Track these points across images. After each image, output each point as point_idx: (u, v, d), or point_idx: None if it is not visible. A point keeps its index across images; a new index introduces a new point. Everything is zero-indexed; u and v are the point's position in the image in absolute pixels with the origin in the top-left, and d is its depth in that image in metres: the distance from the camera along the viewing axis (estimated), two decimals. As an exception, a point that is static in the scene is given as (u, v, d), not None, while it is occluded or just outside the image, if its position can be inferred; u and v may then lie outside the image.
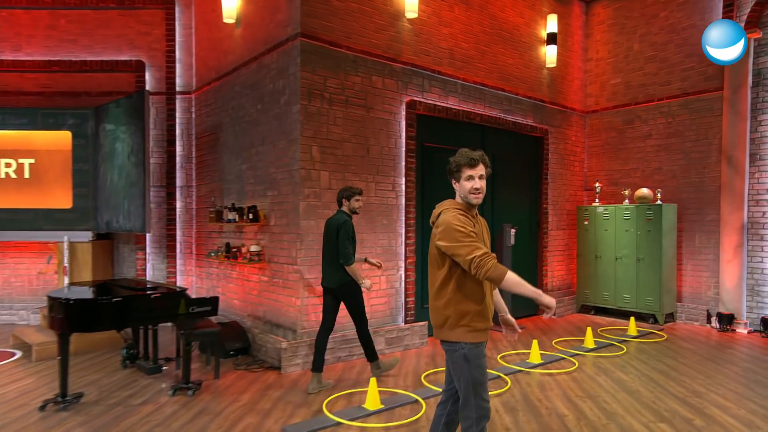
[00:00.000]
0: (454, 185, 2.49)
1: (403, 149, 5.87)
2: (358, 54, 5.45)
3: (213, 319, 5.11)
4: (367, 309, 5.51)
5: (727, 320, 6.78)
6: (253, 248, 5.61)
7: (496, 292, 2.62)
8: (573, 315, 8.02)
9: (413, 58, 5.98)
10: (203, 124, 6.92)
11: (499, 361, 5.24)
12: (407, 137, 5.88)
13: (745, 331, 6.70)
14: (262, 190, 5.67)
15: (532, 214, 7.82)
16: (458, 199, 2.49)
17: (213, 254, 6.38)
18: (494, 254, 2.31)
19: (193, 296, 7.27)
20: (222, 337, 5.33)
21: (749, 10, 6.76)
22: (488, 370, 4.81)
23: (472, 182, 2.39)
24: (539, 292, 2.28)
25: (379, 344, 5.47)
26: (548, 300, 2.26)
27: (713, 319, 7.02)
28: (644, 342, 6.17)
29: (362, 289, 4.50)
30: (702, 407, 3.99)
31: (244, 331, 5.58)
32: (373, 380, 3.92)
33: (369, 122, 5.57)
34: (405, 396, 4.14)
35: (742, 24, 6.85)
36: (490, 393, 4.14)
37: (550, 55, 7.70)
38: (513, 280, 2.23)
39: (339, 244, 4.29)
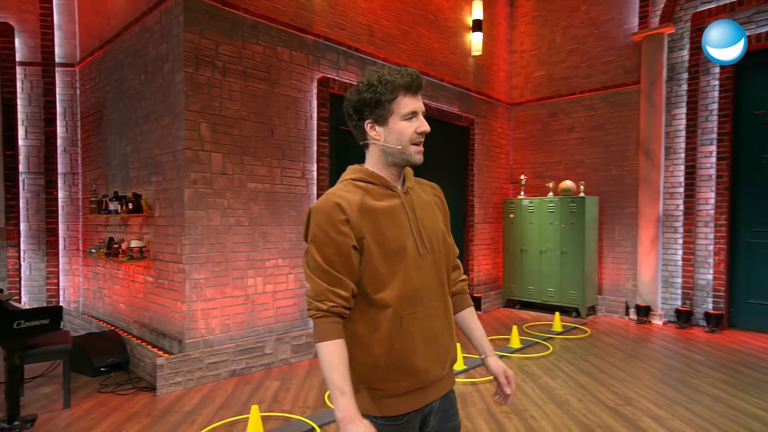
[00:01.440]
0: (371, 132, 1.34)
1: (315, 132, 4.89)
2: (258, 19, 4.42)
3: (97, 328, 3.96)
4: (272, 312, 4.56)
5: (644, 312, 6.43)
6: (134, 243, 4.45)
7: (473, 317, 1.54)
8: (499, 310, 7.38)
9: (326, 30, 5.01)
10: (88, 101, 5.61)
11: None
12: (319, 118, 4.90)
13: (661, 323, 6.38)
14: (146, 176, 4.52)
15: (459, 206, 7.09)
16: (374, 160, 1.37)
17: (93, 251, 5.14)
18: (340, 304, 1.26)
19: (80, 299, 6.06)
20: (91, 351, 4.16)
21: (663, 5, 6.44)
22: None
23: (417, 121, 1.33)
24: (348, 408, 1.18)
25: (285, 352, 4.49)
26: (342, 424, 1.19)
27: (631, 311, 6.66)
28: (569, 338, 5.56)
29: None
30: (635, 419, 3.33)
31: (122, 342, 4.41)
32: (255, 408, 2.93)
33: (273, 99, 4.55)
34: (298, 423, 3.18)
35: (657, 19, 6.49)
36: None
37: (475, 42, 6.98)
38: (327, 357, 1.22)
39: None
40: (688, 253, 6.30)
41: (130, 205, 4.43)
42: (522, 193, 7.41)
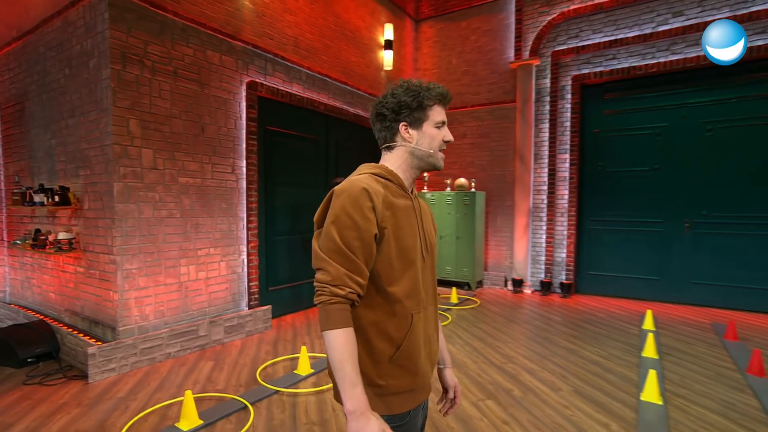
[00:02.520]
0: (404, 134, 1.18)
1: (244, 131, 4.49)
2: (188, 23, 3.92)
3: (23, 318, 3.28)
4: (205, 297, 4.16)
5: (518, 284, 6.81)
6: (62, 235, 3.81)
7: (439, 329, 1.32)
8: (404, 284, 7.46)
9: (255, 39, 4.61)
10: (7, 92, 4.68)
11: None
12: (248, 119, 4.51)
13: (530, 291, 6.80)
14: (73, 169, 3.86)
15: (372, 199, 7.02)
16: (397, 162, 1.21)
17: (19, 242, 4.34)
18: (356, 290, 1.05)
19: (6, 289, 5.12)
20: (15, 342, 3.50)
21: (531, 43, 6.74)
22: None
23: (444, 131, 1.20)
24: (360, 401, 1.00)
25: (218, 334, 4.13)
26: (357, 427, 0.98)
27: (509, 283, 7.02)
28: (464, 308, 5.75)
29: None
30: (516, 374, 3.50)
31: (52, 331, 3.77)
32: (188, 392, 2.63)
33: (204, 99, 4.09)
34: (232, 402, 2.91)
35: (527, 53, 6.79)
36: (312, 389, 3.05)
37: (387, 59, 6.89)
38: (340, 346, 1.01)
39: None
40: (550, 237, 6.76)
41: (57, 198, 3.77)
42: (425, 188, 7.51)
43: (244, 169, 4.48)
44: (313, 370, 3.45)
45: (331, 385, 3.12)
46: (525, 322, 5.04)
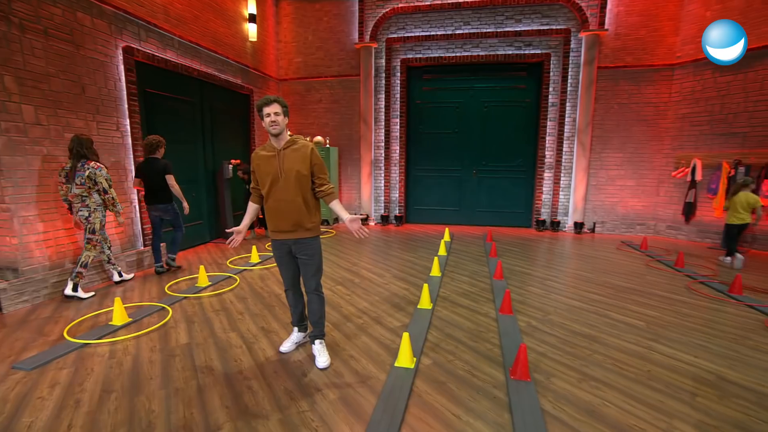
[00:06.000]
0: (262, 123, 2.38)
1: (125, 92, 4.48)
2: (56, -16, 3.74)
3: None
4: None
5: (365, 219, 8.08)
6: (-70, 190, 3.48)
7: (336, 205, 2.40)
8: (277, 225, 8.12)
9: (125, 4, 4.49)
10: None
11: (229, 265, 4.93)
12: (128, 81, 4.50)
13: (373, 224, 8.12)
14: (-68, 123, 3.48)
15: (245, 154, 7.36)
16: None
17: None
18: (255, 188, 2.46)
19: None
20: None
21: (371, 29, 7.58)
22: (221, 272, 4.56)
23: (269, 117, 2.27)
24: (239, 226, 2.50)
25: (121, 267, 4.37)
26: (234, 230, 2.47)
27: (358, 218, 8.28)
28: (323, 237, 6.83)
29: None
30: (357, 271, 4.71)
31: (-68, 281, 3.53)
32: (117, 299, 3.11)
33: (80, 60, 4.00)
34: (152, 306, 3.45)
35: (368, 37, 7.68)
36: (228, 289, 3.94)
37: (252, 31, 7.04)
38: (247, 208, 2.54)
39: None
40: (387, 182, 8.10)
41: None
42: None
43: (128, 127, 4.53)
44: (210, 283, 4.11)
45: (226, 288, 3.89)
46: (368, 244, 6.35)
